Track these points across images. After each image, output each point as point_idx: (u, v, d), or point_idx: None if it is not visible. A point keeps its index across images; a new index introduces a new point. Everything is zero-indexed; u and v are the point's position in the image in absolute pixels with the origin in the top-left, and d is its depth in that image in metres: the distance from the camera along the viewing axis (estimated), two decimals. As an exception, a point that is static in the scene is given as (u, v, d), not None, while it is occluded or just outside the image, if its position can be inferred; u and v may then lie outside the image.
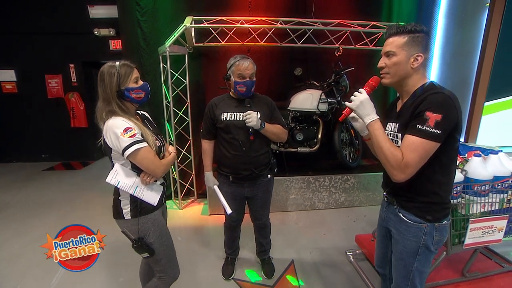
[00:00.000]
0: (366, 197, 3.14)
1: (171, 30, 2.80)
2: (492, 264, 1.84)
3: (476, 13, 3.03)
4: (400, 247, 1.16)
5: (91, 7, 4.55)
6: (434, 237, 1.10)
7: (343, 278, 1.99)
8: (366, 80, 1.17)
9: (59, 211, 3.06)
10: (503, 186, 1.54)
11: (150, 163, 1.16)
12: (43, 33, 4.61)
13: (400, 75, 1.07)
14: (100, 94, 1.18)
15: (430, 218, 1.08)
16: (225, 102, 1.70)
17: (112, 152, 1.17)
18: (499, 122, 3.23)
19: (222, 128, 1.67)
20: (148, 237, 1.25)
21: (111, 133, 1.11)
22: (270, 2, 3.08)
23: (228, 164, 1.71)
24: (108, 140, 1.13)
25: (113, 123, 1.12)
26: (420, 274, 1.15)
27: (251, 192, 1.79)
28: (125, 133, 1.10)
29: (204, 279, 2.00)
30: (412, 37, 1.04)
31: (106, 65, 1.18)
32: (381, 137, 1.03)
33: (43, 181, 4.10)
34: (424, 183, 1.06)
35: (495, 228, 1.52)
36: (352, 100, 1.11)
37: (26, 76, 4.79)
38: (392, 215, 1.20)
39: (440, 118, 0.94)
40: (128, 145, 1.10)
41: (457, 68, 3.25)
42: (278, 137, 1.75)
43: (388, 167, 1.02)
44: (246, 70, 1.59)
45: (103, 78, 1.16)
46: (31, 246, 2.41)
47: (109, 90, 1.16)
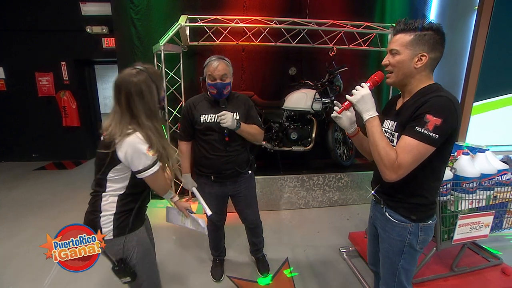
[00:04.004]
0: (359, 195, 3.19)
1: (165, 29, 2.79)
2: (479, 258, 1.90)
3: (465, 16, 3.11)
4: (386, 245, 1.17)
5: (83, 4, 4.47)
6: (419, 236, 1.10)
7: (337, 275, 2.02)
8: (359, 80, 1.15)
9: (52, 212, 3.01)
10: (490, 183, 1.59)
11: (163, 183, 1.12)
12: (33, 30, 4.51)
13: (403, 74, 1.04)
14: (139, 112, 1.03)
15: (415, 218, 1.08)
16: (203, 104, 1.66)
17: (115, 167, 1.06)
18: (487, 121, 3.33)
19: (201, 130, 1.63)
20: (131, 258, 1.13)
21: (132, 149, 1.01)
22: (264, 2, 3.09)
23: (209, 165, 1.68)
24: (123, 152, 1.01)
25: (138, 137, 1.02)
26: (406, 272, 1.16)
27: (234, 189, 1.77)
28: (149, 149, 1.03)
29: (199, 279, 2.00)
30: (418, 35, 0.99)
31: (139, 79, 1.03)
32: (377, 135, 1.01)
33: (35, 181, 4.02)
34: (414, 185, 1.05)
35: (482, 224, 1.58)
36: (353, 93, 1.06)
37: (16, 73, 4.68)
38: (379, 214, 1.21)
39: (440, 122, 0.92)
40: (151, 164, 1.04)
41: (447, 69, 3.33)
42: (254, 138, 1.69)
43: (381, 166, 1.00)
44: (215, 71, 1.52)
45: (143, 94, 1.03)
46: (23, 246, 2.36)
47: (152, 106, 1.05)
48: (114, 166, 1.05)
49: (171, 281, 1.97)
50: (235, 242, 2.38)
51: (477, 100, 3.22)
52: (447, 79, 3.34)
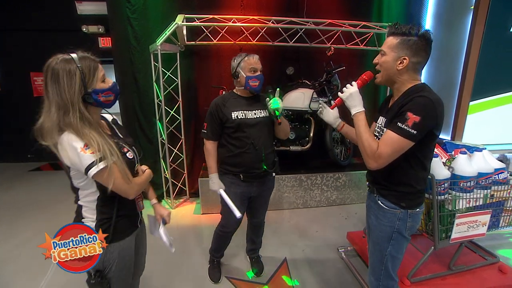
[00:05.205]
0: (357, 194, 3.19)
1: (162, 28, 2.77)
2: (476, 257, 1.91)
3: (461, 15, 3.12)
4: (377, 232, 1.27)
5: (78, 3, 4.43)
6: (407, 223, 1.20)
7: (335, 274, 2.03)
8: (357, 79, 1.24)
9: (48, 213, 2.98)
10: (487, 182, 1.60)
11: (120, 183, 0.96)
12: (28, 29, 4.46)
13: (388, 74, 1.15)
14: (52, 99, 0.89)
15: (404, 205, 1.18)
16: (232, 101, 1.66)
17: (70, 171, 0.95)
18: (483, 120, 3.35)
19: (232, 127, 1.62)
20: (109, 271, 1.04)
21: (68, 147, 0.89)
22: (262, 1, 3.08)
23: (239, 163, 1.66)
24: (64, 157, 0.90)
25: (71, 137, 0.89)
26: (393, 259, 1.25)
27: (258, 191, 1.77)
28: (86, 148, 0.89)
29: (197, 279, 1.99)
30: (404, 39, 1.09)
31: (59, 60, 0.89)
32: (362, 128, 1.14)
33: (30, 182, 3.98)
34: (400, 175, 1.16)
35: (479, 223, 1.58)
36: (344, 91, 1.20)
37: (10, 73, 4.63)
38: (372, 203, 1.30)
39: (419, 120, 1.01)
40: (92, 163, 0.89)
41: (444, 69, 3.35)
42: (287, 130, 1.77)
43: (364, 154, 1.13)
44: (257, 63, 1.60)
45: (58, 79, 0.87)
46: (18, 249, 2.34)
47: (67, 95, 0.88)
48: (70, 172, 0.96)
49: (173, 270, 1.96)
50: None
51: (473, 99, 3.23)
52: (443, 78, 3.35)
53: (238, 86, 1.69)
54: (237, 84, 1.69)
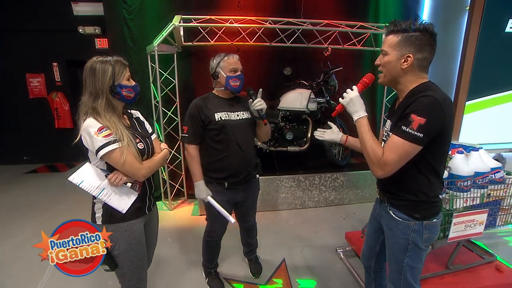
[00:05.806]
0: (355, 195, 3.20)
1: (159, 29, 2.76)
2: (473, 256, 1.92)
3: (457, 16, 3.15)
4: (391, 243, 1.18)
5: (75, 4, 4.40)
6: (424, 234, 1.10)
7: (333, 275, 2.02)
8: (354, 79, 1.20)
9: (44, 215, 2.95)
10: (484, 181, 1.61)
11: (128, 165, 1.09)
12: (24, 30, 4.42)
13: (392, 74, 1.07)
14: (88, 88, 1.11)
15: (418, 216, 1.08)
16: (213, 102, 1.60)
17: (88, 152, 1.13)
18: (479, 120, 3.37)
19: (216, 129, 1.56)
20: (114, 249, 1.12)
21: (85, 132, 1.07)
22: (259, 2, 3.09)
23: (224, 167, 1.60)
24: (83, 139, 1.08)
25: (89, 122, 1.08)
26: (411, 269, 1.15)
27: (243, 195, 1.73)
28: (99, 132, 1.04)
29: (196, 279, 1.98)
30: (405, 36, 1.01)
31: (98, 60, 1.12)
32: (365, 133, 1.07)
33: (26, 184, 3.94)
34: (410, 182, 1.07)
35: (476, 222, 1.59)
36: (344, 96, 1.14)
37: (5, 74, 4.58)
38: (384, 212, 1.22)
39: (424, 122, 0.94)
40: (103, 145, 1.04)
41: (440, 69, 3.37)
42: (267, 133, 1.75)
43: (369, 162, 1.06)
44: (238, 63, 1.57)
45: (95, 72, 1.09)
46: (13, 252, 2.31)
47: (100, 85, 1.09)
48: (88, 153, 1.12)
49: (171, 271, 1.95)
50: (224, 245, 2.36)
51: (469, 99, 3.26)
52: (440, 78, 3.38)
53: (218, 87, 1.62)
54: (216, 85, 1.63)
